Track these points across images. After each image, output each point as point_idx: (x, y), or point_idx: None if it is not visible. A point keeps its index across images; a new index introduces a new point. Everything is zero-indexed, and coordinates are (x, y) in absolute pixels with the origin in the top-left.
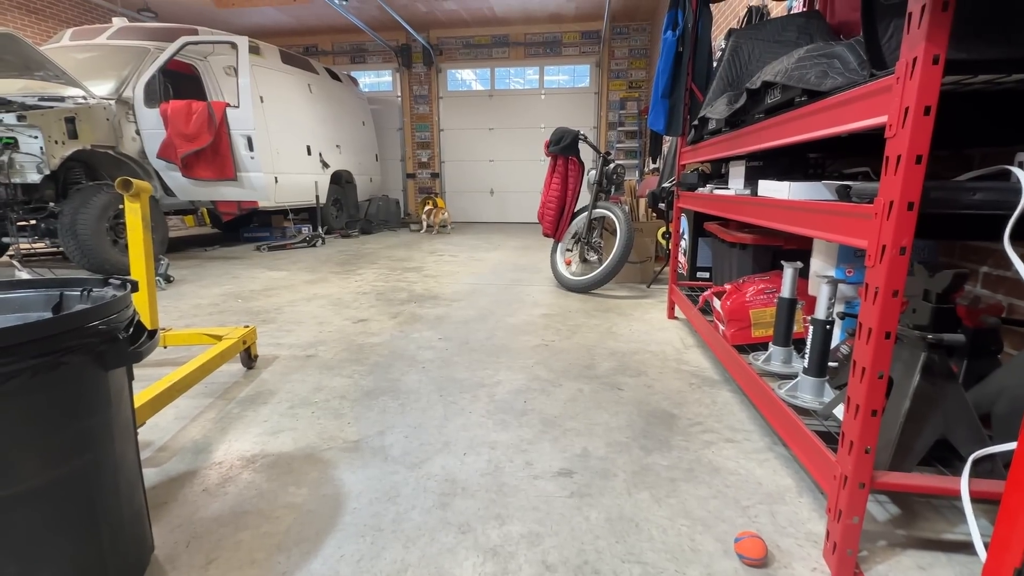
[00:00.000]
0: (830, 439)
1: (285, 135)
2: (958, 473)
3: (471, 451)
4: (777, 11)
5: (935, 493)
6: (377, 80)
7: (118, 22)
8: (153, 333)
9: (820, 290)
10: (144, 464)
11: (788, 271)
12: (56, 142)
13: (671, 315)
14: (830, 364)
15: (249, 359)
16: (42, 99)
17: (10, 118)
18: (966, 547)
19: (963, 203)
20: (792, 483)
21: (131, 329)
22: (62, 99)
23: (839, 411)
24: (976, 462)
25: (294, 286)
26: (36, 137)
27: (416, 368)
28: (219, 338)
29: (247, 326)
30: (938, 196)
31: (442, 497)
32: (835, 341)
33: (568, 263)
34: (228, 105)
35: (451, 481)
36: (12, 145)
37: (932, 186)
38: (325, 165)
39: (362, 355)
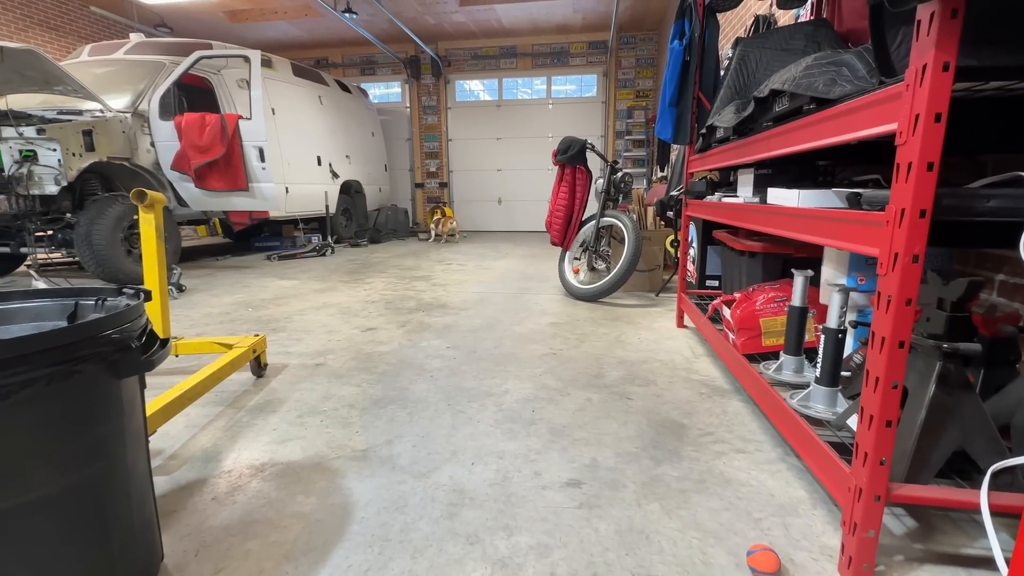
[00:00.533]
0: (844, 450)
1: (296, 146)
2: (977, 486)
3: (479, 461)
4: (784, 20)
5: (953, 506)
6: (386, 91)
7: (135, 38)
8: (165, 342)
9: (832, 299)
10: (155, 472)
11: (799, 279)
12: (74, 154)
13: (680, 324)
14: (843, 373)
15: (259, 368)
16: (61, 113)
17: (30, 131)
18: (987, 562)
19: (977, 210)
20: (805, 495)
21: (144, 338)
22: (80, 113)
23: (852, 421)
24: (996, 474)
25: (304, 295)
26: (55, 150)
27: (424, 377)
28: (229, 347)
29: (257, 335)
30: (951, 203)
31: (450, 507)
32: (847, 350)
33: (576, 272)
34: (240, 117)
35: (459, 491)
36: (31, 157)
37: (944, 193)
38: (335, 175)
39: (371, 364)
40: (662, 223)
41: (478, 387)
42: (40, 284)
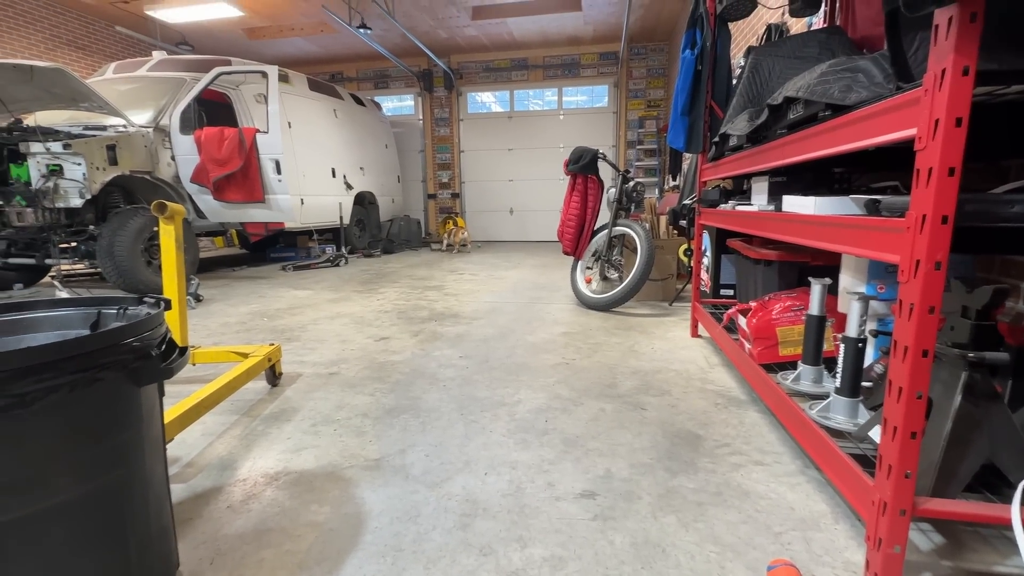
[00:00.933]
0: (867, 463)
1: (311, 158)
2: (1008, 500)
3: (492, 471)
4: (797, 28)
5: (983, 521)
6: (399, 104)
7: (157, 55)
8: (184, 350)
9: (851, 307)
10: (172, 480)
11: (816, 288)
12: (98, 168)
13: (694, 333)
14: (864, 384)
15: (274, 376)
16: (86, 128)
17: (56, 146)
18: None
19: (1001, 216)
20: (827, 508)
21: (163, 346)
22: (104, 128)
23: (875, 433)
24: None
25: (318, 305)
26: (80, 164)
27: (437, 386)
28: (245, 356)
29: (272, 344)
30: (974, 209)
31: (463, 518)
32: (868, 360)
33: (588, 281)
34: (258, 131)
35: (472, 501)
36: (57, 172)
37: (967, 199)
38: (349, 187)
39: (383, 373)
40: (675, 232)
41: (491, 397)
42: (63, 294)
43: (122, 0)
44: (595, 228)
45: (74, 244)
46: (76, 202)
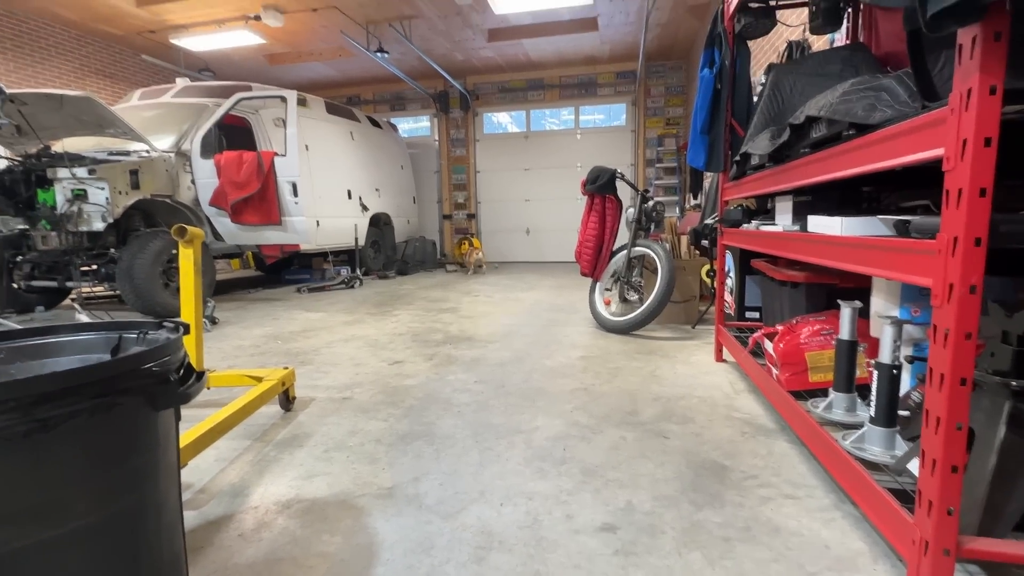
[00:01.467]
0: (906, 498)
1: (327, 180)
2: None
3: (508, 501)
4: (818, 45)
5: None
6: (415, 125)
7: (181, 82)
8: (201, 375)
9: (883, 332)
10: (184, 506)
11: (846, 311)
12: (120, 192)
13: (719, 358)
14: (900, 413)
15: (287, 401)
16: (111, 154)
17: (82, 172)
18: None
19: None
20: (864, 547)
21: (182, 371)
22: (128, 153)
23: (914, 466)
24: None
25: (332, 327)
26: (103, 189)
27: (451, 412)
28: (259, 380)
29: (286, 368)
30: (1009, 230)
31: (478, 550)
32: (904, 387)
33: (607, 303)
34: (276, 154)
35: (487, 533)
36: (82, 196)
37: (1001, 219)
38: (364, 208)
39: (397, 398)
40: (696, 252)
41: (507, 423)
42: (83, 317)
43: (148, 30)
44: (614, 249)
45: (95, 267)
46: (98, 226)
